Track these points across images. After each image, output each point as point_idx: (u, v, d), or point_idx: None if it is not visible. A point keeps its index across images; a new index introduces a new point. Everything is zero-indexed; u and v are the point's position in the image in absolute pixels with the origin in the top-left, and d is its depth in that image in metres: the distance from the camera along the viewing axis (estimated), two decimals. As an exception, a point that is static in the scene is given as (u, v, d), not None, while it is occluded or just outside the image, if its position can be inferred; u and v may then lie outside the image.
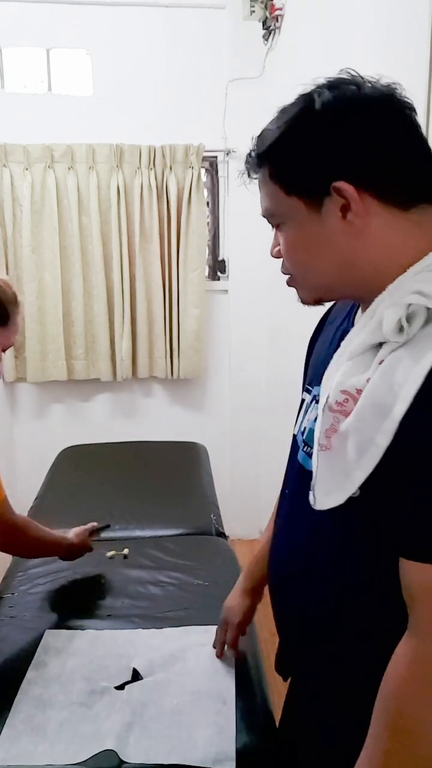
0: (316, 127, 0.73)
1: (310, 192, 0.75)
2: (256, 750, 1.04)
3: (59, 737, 1.06)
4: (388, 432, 0.68)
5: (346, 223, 0.73)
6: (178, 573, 1.67)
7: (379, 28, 1.61)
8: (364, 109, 0.72)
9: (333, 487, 0.76)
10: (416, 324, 0.68)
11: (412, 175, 0.73)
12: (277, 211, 0.80)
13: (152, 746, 1.03)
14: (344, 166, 0.72)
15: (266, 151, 0.77)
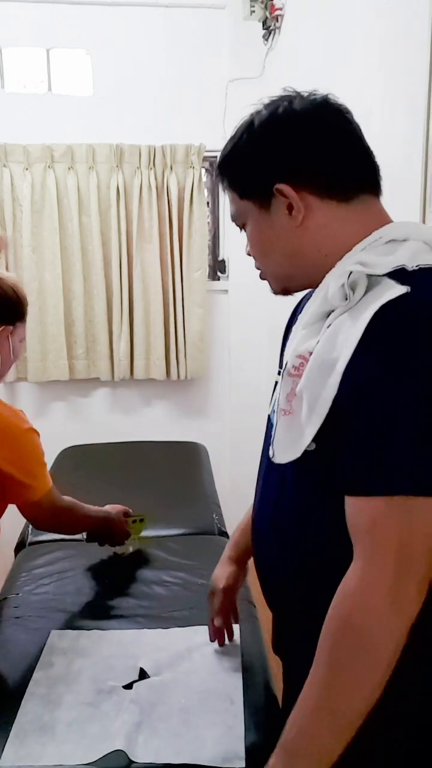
0: (255, 141, 0.87)
1: (258, 195, 0.88)
2: (265, 748, 1.04)
3: (68, 737, 1.06)
4: (333, 385, 0.76)
5: (291, 218, 0.85)
6: (182, 573, 1.67)
7: (379, 28, 1.62)
8: (294, 121, 0.85)
9: (289, 444, 0.84)
10: (359, 290, 0.77)
11: (346, 172, 0.85)
12: (238, 214, 0.94)
13: (161, 746, 1.03)
14: (282, 170, 0.85)
15: (220, 165, 0.92)
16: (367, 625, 0.74)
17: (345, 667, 0.75)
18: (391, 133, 1.53)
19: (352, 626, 0.75)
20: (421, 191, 1.37)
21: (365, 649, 0.74)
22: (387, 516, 0.73)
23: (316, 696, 0.78)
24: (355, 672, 0.75)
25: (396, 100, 1.52)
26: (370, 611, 0.74)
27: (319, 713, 0.77)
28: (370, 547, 0.75)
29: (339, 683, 0.76)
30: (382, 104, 1.59)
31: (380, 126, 1.58)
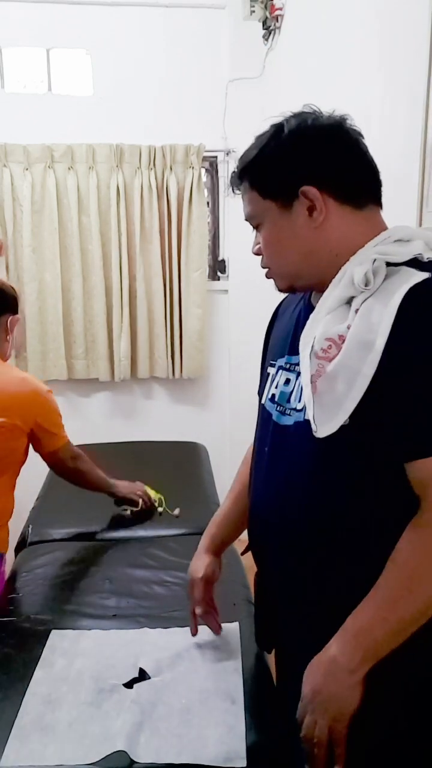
0: (285, 145, 0.94)
1: (283, 196, 0.95)
2: (266, 748, 1.05)
3: (69, 737, 1.06)
4: (373, 362, 0.84)
5: (311, 219, 0.94)
6: (182, 573, 1.65)
7: (378, 28, 1.62)
8: (321, 133, 0.94)
9: (327, 418, 0.90)
10: (380, 277, 0.86)
11: (360, 183, 0.96)
12: (256, 214, 1.00)
13: (162, 746, 1.03)
14: (309, 174, 0.93)
15: (248, 165, 0.98)
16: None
17: (408, 586, 0.86)
18: (390, 133, 1.53)
19: (421, 554, 0.86)
20: (419, 191, 1.38)
21: (429, 574, 0.86)
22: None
23: (378, 601, 0.88)
24: (416, 590, 0.86)
25: (395, 100, 1.52)
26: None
27: (378, 615, 0.88)
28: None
29: (401, 596, 0.87)
30: (381, 104, 1.59)
31: (379, 126, 1.58)
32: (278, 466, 1.03)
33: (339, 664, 0.89)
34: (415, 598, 0.86)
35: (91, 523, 2.01)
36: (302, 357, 0.94)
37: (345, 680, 0.89)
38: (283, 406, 1.03)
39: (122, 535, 1.96)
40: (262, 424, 1.12)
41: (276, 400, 1.06)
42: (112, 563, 1.74)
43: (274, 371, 1.10)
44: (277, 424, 1.04)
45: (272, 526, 1.05)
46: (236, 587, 1.59)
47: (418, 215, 1.37)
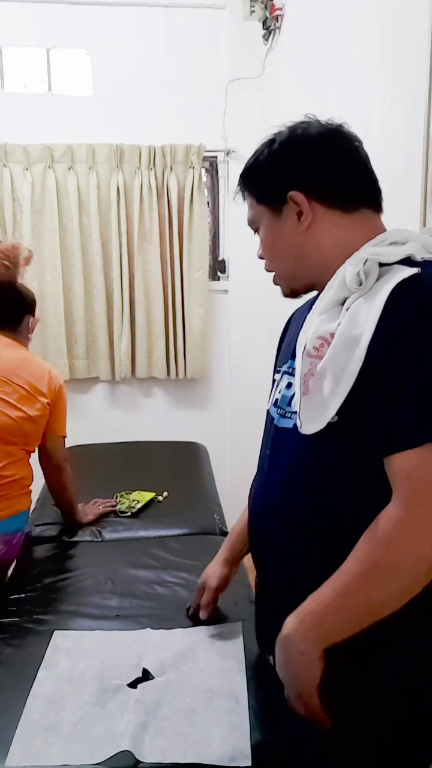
0: (275, 155, 1.00)
1: (273, 201, 1.01)
2: (271, 747, 1.05)
3: (74, 737, 1.06)
4: (358, 358, 0.85)
5: (299, 223, 0.98)
6: (184, 573, 1.67)
7: (378, 28, 1.62)
8: (309, 141, 0.99)
9: (314, 416, 0.91)
10: (372, 277, 0.87)
11: (349, 188, 0.99)
12: (254, 219, 1.07)
13: (167, 746, 1.03)
14: (295, 181, 0.98)
15: (243, 175, 1.06)
16: (396, 549, 0.83)
17: (368, 575, 0.85)
18: (390, 133, 1.53)
19: (383, 546, 0.84)
20: (422, 191, 1.37)
21: (390, 567, 0.84)
22: (421, 465, 0.82)
23: (339, 586, 0.87)
24: (376, 582, 0.85)
25: (396, 100, 1.52)
26: (402, 538, 0.83)
27: (337, 599, 0.87)
28: (408, 491, 0.83)
29: (364, 583, 0.86)
30: (381, 104, 1.59)
31: (380, 126, 1.58)
32: (277, 468, 1.05)
33: (291, 643, 0.91)
34: (370, 591, 0.86)
35: (93, 524, 2.01)
36: (297, 357, 0.97)
37: (298, 659, 0.91)
38: (284, 409, 1.05)
39: (124, 536, 1.96)
40: (266, 427, 1.14)
41: (278, 404, 1.08)
42: (114, 564, 1.74)
43: (279, 377, 1.12)
44: (278, 427, 1.06)
45: (270, 528, 1.06)
46: (239, 587, 1.58)
47: (422, 214, 1.37)
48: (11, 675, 1.25)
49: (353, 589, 0.86)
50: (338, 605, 0.87)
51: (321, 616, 0.89)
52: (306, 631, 0.90)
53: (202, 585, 1.39)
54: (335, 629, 0.89)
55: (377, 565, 0.84)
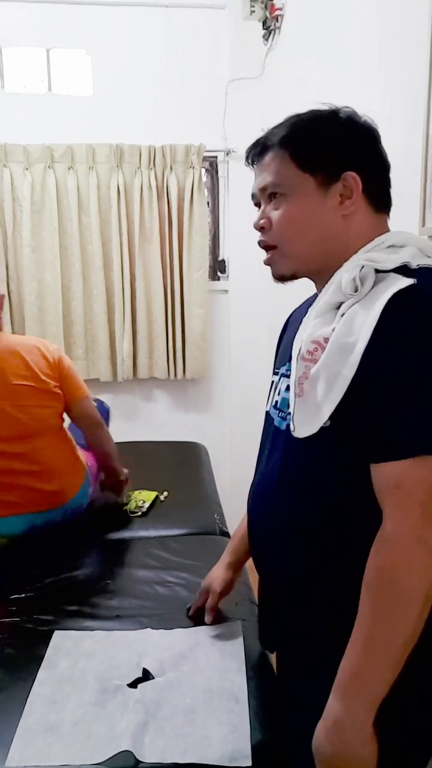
0: (341, 127, 0.96)
1: (326, 173, 0.94)
2: (271, 747, 1.05)
3: (74, 737, 1.06)
4: (352, 365, 0.84)
5: (341, 207, 0.95)
6: (184, 573, 1.67)
7: (378, 28, 1.62)
8: (370, 132, 0.98)
9: (307, 419, 0.91)
10: (368, 283, 0.87)
11: (386, 189, 0.99)
12: (283, 184, 0.97)
13: (168, 746, 1.03)
14: (358, 162, 0.94)
15: (298, 133, 0.96)
16: (401, 568, 0.82)
17: (385, 608, 0.83)
18: (390, 133, 1.52)
19: (387, 572, 0.83)
20: (421, 191, 1.37)
21: (401, 589, 0.82)
22: (410, 475, 0.82)
23: (362, 639, 0.85)
24: (394, 610, 0.83)
25: (396, 100, 1.52)
26: (402, 555, 0.82)
27: (366, 653, 0.84)
28: (396, 503, 0.83)
29: (381, 624, 0.83)
30: (381, 104, 1.59)
31: (380, 126, 1.57)
32: (275, 470, 1.05)
33: (344, 724, 0.85)
34: (397, 622, 0.83)
35: (94, 524, 2.01)
36: (292, 360, 0.96)
37: (356, 738, 0.84)
38: (284, 411, 1.04)
39: (124, 536, 1.96)
40: (265, 429, 1.15)
41: (278, 407, 1.08)
42: (115, 564, 1.74)
43: (277, 379, 1.12)
44: (278, 429, 1.06)
45: (269, 529, 1.06)
46: (239, 587, 1.58)
47: (421, 215, 1.37)
48: (11, 675, 1.25)
49: (380, 634, 0.84)
50: (374, 656, 0.84)
51: (363, 676, 0.85)
52: (356, 704, 0.84)
53: (206, 588, 1.39)
54: (380, 684, 0.84)
55: (390, 597, 0.83)
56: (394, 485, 0.83)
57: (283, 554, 1.02)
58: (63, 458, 1.94)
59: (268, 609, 1.19)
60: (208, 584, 1.38)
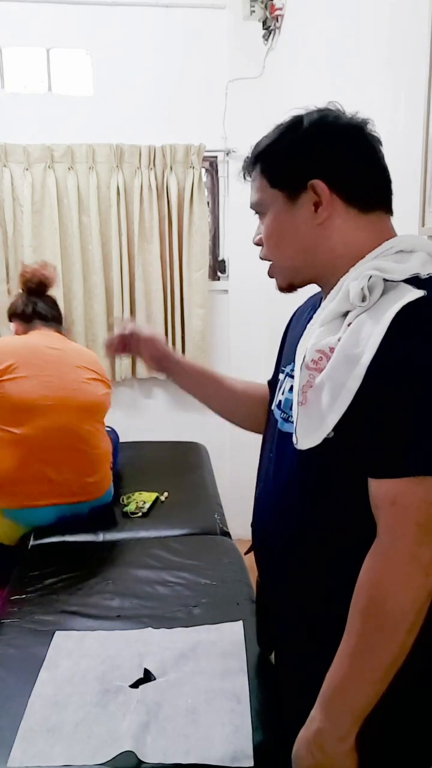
0: (303, 136, 0.93)
1: (291, 186, 0.94)
2: (273, 747, 1.05)
3: (76, 738, 1.06)
4: (358, 377, 0.82)
5: (315, 216, 0.92)
6: (185, 573, 1.67)
7: (378, 28, 1.62)
8: (340, 132, 0.93)
9: (311, 430, 0.89)
10: (376, 293, 0.84)
11: (371, 188, 0.94)
12: (263, 202, 0.98)
13: (169, 746, 1.03)
14: (321, 169, 0.92)
15: (262, 151, 0.97)
16: (392, 586, 0.81)
17: (373, 624, 0.82)
18: (390, 133, 1.53)
19: (378, 588, 0.82)
20: (421, 191, 1.37)
21: (391, 607, 0.81)
22: (406, 494, 0.81)
23: (349, 652, 0.84)
24: (382, 628, 0.82)
25: (396, 100, 1.52)
26: (394, 573, 0.81)
27: (352, 667, 0.84)
28: (391, 521, 0.82)
29: (369, 640, 0.82)
30: (381, 104, 1.59)
31: (379, 126, 1.57)
32: (280, 473, 1.04)
33: (326, 735, 0.85)
34: (385, 639, 0.82)
35: (94, 525, 2.02)
36: (296, 367, 0.95)
37: (336, 751, 0.84)
38: (287, 413, 1.03)
39: (125, 536, 1.96)
40: (268, 429, 1.13)
41: (282, 407, 1.06)
42: (115, 564, 1.74)
43: (283, 377, 1.10)
44: (281, 431, 1.05)
45: (272, 532, 1.05)
46: (240, 586, 1.59)
47: (421, 215, 1.37)
48: (13, 676, 1.25)
49: (367, 649, 0.83)
50: (358, 671, 0.83)
51: (347, 690, 0.84)
52: (338, 716, 0.84)
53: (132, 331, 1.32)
54: (364, 699, 0.83)
55: (379, 614, 0.82)
56: (390, 502, 0.82)
57: (286, 559, 1.01)
58: (106, 450, 2.14)
59: (266, 612, 1.19)
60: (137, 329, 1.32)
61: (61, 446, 1.97)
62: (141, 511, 2.12)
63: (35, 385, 1.95)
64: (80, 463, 2.01)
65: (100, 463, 2.09)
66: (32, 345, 2.06)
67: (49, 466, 1.95)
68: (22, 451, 1.93)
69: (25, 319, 2.19)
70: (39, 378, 1.97)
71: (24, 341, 2.09)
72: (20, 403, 1.93)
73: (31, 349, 2.04)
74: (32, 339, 2.10)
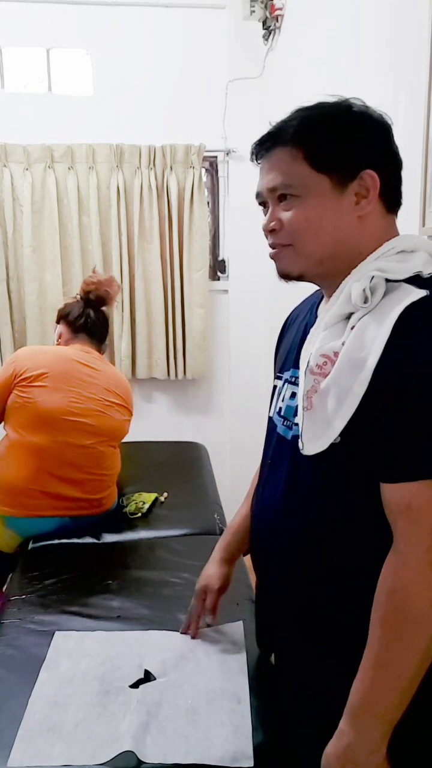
0: (356, 122, 0.90)
1: (343, 172, 0.89)
2: (273, 748, 1.05)
3: (76, 738, 1.06)
4: (364, 381, 0.81)
5: (357, 207, 0.89)
6: (185, 573, 1.67)
7: (378, 28, 1.62)
8: (385, 127, 0.92)
9: (317, 435, 0.88)
10: (378, 294, 0.83)
11: (400, 188, 0.94)
12: (299, 186, 0.90)
13: (169, 746, 1.03)
14: (375, 160, 0.89)
15: (307, 129, 0.90)
16: (412, 591, 0.81)
17: (396, 632, 0.82)
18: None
19: (399, 594, 0.82)
20: (421, 191, 1.37)
21: (412, 613, 0.81)
22: (422, 497, 0.80)
23: (373, 662, 0.84)
24: (405, 634, 0.81)
25: (396, 100, 1.52)
26: (414, 578, 0.81)
27: (378, 677, 0.83)
28: (407, 526, 0.82)
29: (393, 647, 0.82)
30: (381, 104, 1.59)
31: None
32: (278, 480, 1.02)
33: (357, 748, 0.84)
34: (408, 646, 0.81)
35: (95, 525, 2.01)
36: (300, 373, 0.94)
37: (368, 763, 0.84)
38: (289, 420, 1.01)
39: (125, 537, 1.96)
40: (268, 436, 1.12)
41: (282, 414, 1.05)
42: (115, 564, 1.74)
43: (281, 384, 1.08)
44: (282, 438, 1.04)
45: (270, 539, 1.05)
46: (240, 586, 1.58)
47: (421, 215, 1.37)
48: (13, 676, 1.25)
49: (391, 657, 0.82)
50: (383, 680, 0.83)
51: (375, 701, 0.83)
52: (370, 728, 0.83)
53: (203, 589, 1.32)
54: (392, 708, 0.83)
55: (401, 620, 0.81)
56: (405, 506, 0.81)
57: (287, 564, 1.01)
58: (117, 471, 2.15)
59: (265, 615, 1.19)
60: (205, 584, 1.32)
61: (75, 464, 1.96)
62: (141, 511, 2.12)
63: (61, 399, 1.94)
64: (90, 483, 2.00)
65: (109, 484, 2.10)
66: (69, 359, 2.05)
67: (60, 481, 1.94)
68: (36, 461, 1.92)
69: (73, 327, 2.19)
70: (66, 393, 1.96)
71: (62, 354, 2.08)
72: (43, 412, 1.92)
73: (66, 363, 2.02)
74: (71, 353, 2.09)
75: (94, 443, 2.00)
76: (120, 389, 2.13)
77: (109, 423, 2.05)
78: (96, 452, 2.01)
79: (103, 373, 2.09)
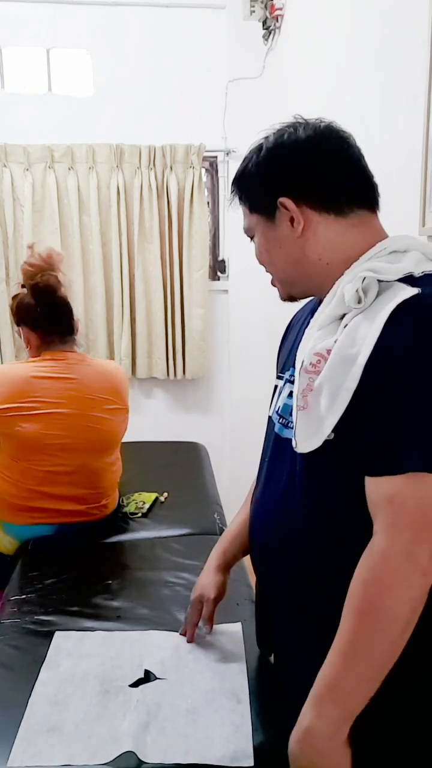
0: (262, 162, 0.98)
1: (265, 209, 0.99)
2: (273, 747, 1.05)
3: (76, 738, 1.06)
4: (355, 376, 0.84)
5: (293, 229, 0.96)
6: (185, 573, 1.67)
7: (379, 28, 1.62)
8: (296, 145, 0.96)
9: (311, 433, 0.90)
10: (371, 294, 0.86)
11: (341, 190, 0.95)
12: (249, 227, 1.05)
13: (170, 746, 1.03)
14: (284, 186, 0.96)
15: (234, 183, 1.04)
16: (387, 585, 0.81)
17: (367, 624, 0.82)
18: (390, 133, 1.53)
19: (373, 587, 0.82)
20: (421, 191, 1.37)
21: (385, 606, 0.81)
22: (404, 491, 0.81)
23: (342, 649, 0.84)
24: (377, 627, 0.81)
25: (396, 100, 1.52)
26: (390, 571, 0.81)
27: (345, 663, 0.83)
28: (388, 519, 0.82)
29: (362, 636, 0.82)
30: (381, 104, 1.59)
31: (380, 126, 1.58)
32: (278, 478, 1.03)
33: (315, 732, 0.84)
34: (378, 639, 0.82)
35: (95, 527, 2.01)
36: (295, 372, 0.96)
37: (326, 747, 0.84)
38: (286, 419, 1.03)
39: (124, 537, 1.96)
40: (266, 435, 1.13)
41: (280, 413, 1.06)
42: (115, 564, 1.74)
43: (281, 384, 1.10)
44: (279, 436, 1.05)
45: (269, 538, 1.05)
46: (239, 587, 1.58)
47: (421, 215, 1.37)
48: (13, 676, 1.25)
49: (360, 648, 0.82)
50: (350, 670, 0.83)
51: (338, 687, 0.84)
52: (328, 713, 0.84)
53: (198, 598, 1.30)
54: (356, 697, 0.83)
55: (373, 613, 0.81)
56: (386, 500, 0.82)
57: (286, 563, 1.01)
58: (117, 479, 2.09)
59: (265, 615, 1.19)
60: (200, 593, 1.30)
61: (71, 482, 1.90)
62: (141, 511, 2.12)
63: (47, 424, 1.81)
64: (89, 497, 1.96)
65: (110, 492, 2.04)
66: (45, 377, 1.84)
67: (57, 499, 1.90)
68: (30, 482, 1.87)
69: (42, 330, 1.92)
70: (52, 416, 1.82)
71: (35, 373, 1.84)
72: (26, 440, 1.81)
73: (43, 384, 1.82)
74: (46, 369, 1.85)
75: (89, 460, 1.92)
76: (105, 386, 1.93)
77: (103, 437, 1.94)
78: (88, 470, 1.93)
79: (80, 381, 1.88)
